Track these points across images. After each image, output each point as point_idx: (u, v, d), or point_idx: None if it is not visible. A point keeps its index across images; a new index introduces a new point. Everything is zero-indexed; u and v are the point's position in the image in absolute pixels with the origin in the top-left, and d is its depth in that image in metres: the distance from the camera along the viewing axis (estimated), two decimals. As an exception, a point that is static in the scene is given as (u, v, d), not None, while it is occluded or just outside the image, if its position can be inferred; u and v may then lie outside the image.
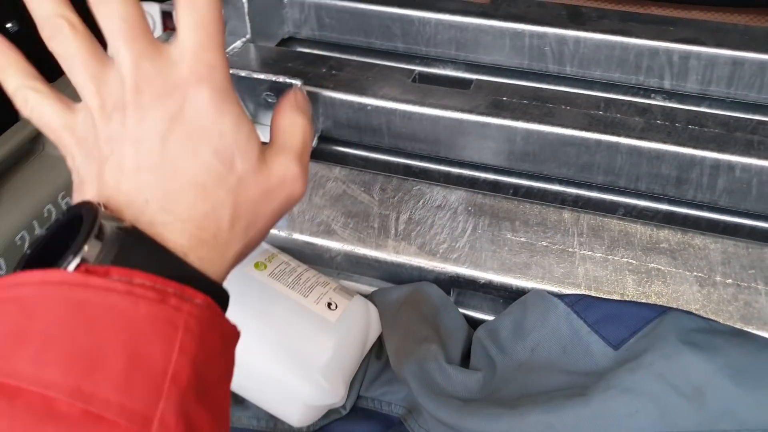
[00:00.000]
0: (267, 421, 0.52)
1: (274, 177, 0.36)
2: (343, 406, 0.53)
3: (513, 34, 0.74)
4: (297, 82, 0.64)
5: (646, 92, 0.74)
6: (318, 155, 0.64)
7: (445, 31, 0.76)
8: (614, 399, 0.39)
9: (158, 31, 0.79)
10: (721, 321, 0.46)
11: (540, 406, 0.40)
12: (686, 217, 0.64)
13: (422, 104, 0.65)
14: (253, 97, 0.68)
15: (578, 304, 0.46)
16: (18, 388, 0.23)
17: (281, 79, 0.64)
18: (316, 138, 0.70)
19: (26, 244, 0.61)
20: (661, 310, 0.44)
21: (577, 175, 0.64)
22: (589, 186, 0.66)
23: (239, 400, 0.53)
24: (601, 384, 0.40)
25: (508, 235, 0.53)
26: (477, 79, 0.69)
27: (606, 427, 0.38)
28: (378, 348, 0.54)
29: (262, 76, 0.65)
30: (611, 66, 0.73)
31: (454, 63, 0.78)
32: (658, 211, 0.64)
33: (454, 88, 0.68)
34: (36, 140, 0.65)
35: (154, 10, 0.79)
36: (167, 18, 0.80)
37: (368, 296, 0.54)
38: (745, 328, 0.47)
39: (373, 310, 0.52)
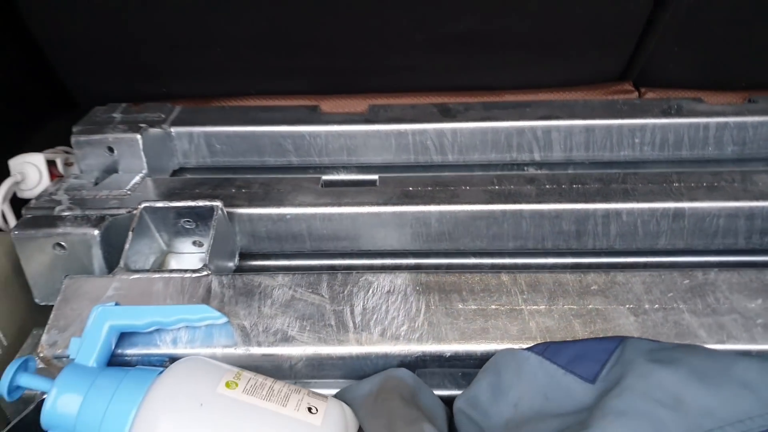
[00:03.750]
0: None
1: None
2: None
3: (397, 134, 0.80)
4: (218, 203, 0.65)
5: (520, 166, 0.83)
6: (240, 272, 0.63)
7: (335, 140, 0.81)
8: (613, 424, 0.42)
9: (45, 181, 0.76)
10: (663, 341, 0.52)
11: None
12: (590, 266, 0.72)
13: (339, 204, 0.69)
14: (169, 226, 0.67)
15: (547, 351, 0.49)
16: None
17: (201, 203, 0.64)
18: (236, 256, 0.70)
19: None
20: (619, 341, 0.49)
21: (490, 245, 0.70)
22: (501, 254, 0.72)
23: None
24: (596, 414, 0.43)
25: (460, 306, 0.56)
26: (380, 176, 0.74)
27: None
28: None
29: (180, 204, 0.64)
30: (487, 148, 0.81)
31: (347, 168, 0.82)
32: (566, 266, 0.71)
33: (362, 187, 0.73)
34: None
35: (38, 161, 0.76)
36: (52, 166, 0.78)
37: (336, 396, 0.54)
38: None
39: (347, 408, 0.52)
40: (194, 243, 0.69)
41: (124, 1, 0.78)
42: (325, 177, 0.77)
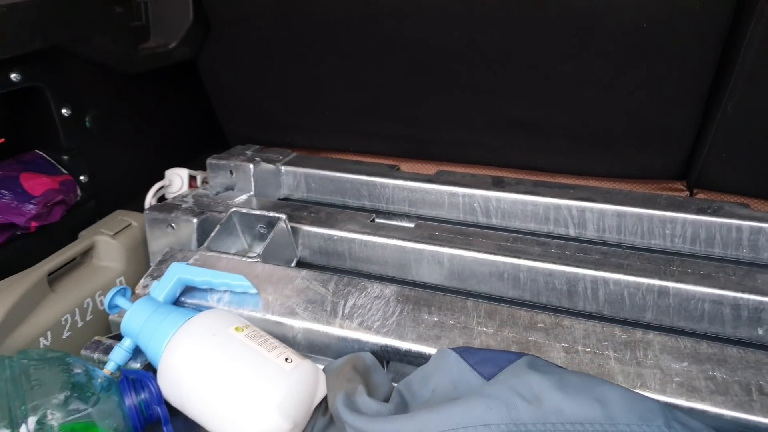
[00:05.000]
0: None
1: None
2: (294, 457, 0.66)
3: (449, 194, 0.96)
4: (282, 215, 0.86)
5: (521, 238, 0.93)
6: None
7: (399, 193, 0.99)
8: (475, 400, 0.53)
9: (184, 188, 1.03)
10: (575, 372, 0.61)
11: (426, 408, 0.54)
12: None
13: (375, 235, 0.86)
14: (250, 229, 0.89)
15: (465, 352, 0.61)
16: None
17: (270, 213, 0.86)
18: (294, 262, 0.90)
19: (67, 326, 0.79)
20: (522, 355, 0.59)
21: (493, 290, 0.82)
22: (503, 301, 0.84)
23: None
24: (470, 395, 0.54)
25: (425, 316, 0.69)
26: (419, 221, 0.91)
27: (468, 417, 0.51)
28: (324, 407, 0.68)
29: (256, 212, 0.87)
30: (527, 218, 0.94)
31: (408, 216, 0.99)
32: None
33: (401, 226, 0.90)
34: (87, 254, 0.86)
35: (183, 173, 1.04)
36: (193, 180, 1.06)
37: (323, 369, 0.69)
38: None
39: (321, 373, 0.67)
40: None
41: (265, 77, 1.06)
42: (379, 220, 0.95)
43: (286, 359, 0.65)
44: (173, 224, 0.87)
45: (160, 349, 0.67)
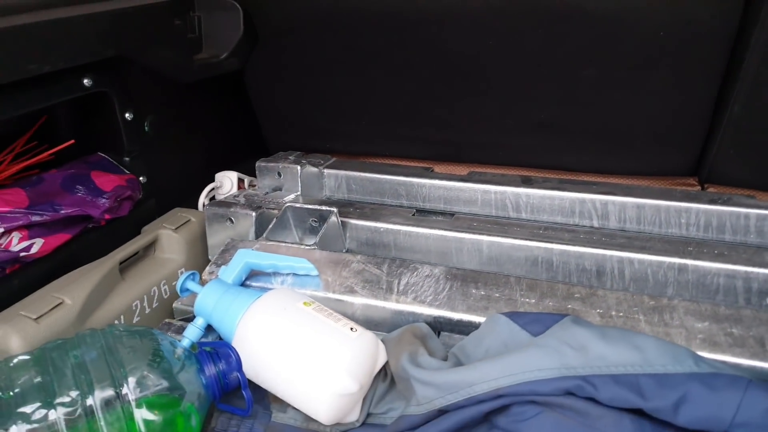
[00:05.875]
0: (302, 421, 0.71)
1: None
2: (357, 420, 0.73)
3: (483, 192, 1.04)
4: (333, 209, 0.94)
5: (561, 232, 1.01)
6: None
7: (435, 191, 1.07)
8: (529, 350, 0.60)
9: (234, 189, 1.11)
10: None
11: (487, 359, 0.61)
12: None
13: (418, 226, 0.94)
14: (302, 223, 0.97)
15: (514, 315, 0.68)
16: None
17: (323, 207, 0.94)
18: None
19: (137, 312, 0.86)
20: (566, 315, 0.66)
21: (528, 273, 0.90)
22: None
23: (280, 403, 0.72)
24: (524, 347, 0.61)
25: (473, 291, 0.76)
26: (457, 213, 0.99)
27: (524, 364, 0.59)
28: (384, 374, 0.75)
29: (310, 206, 0.95)
30: (554, 212, 1.01)
31: (443, 213, 1.07)
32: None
33: (441, 218, 0.98)
34: (150, 247, 0.93)
35: (233, 176, 1.12)
36: (241, 182, 1.14)
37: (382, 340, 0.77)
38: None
39: (381, 344, 0.74)
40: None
41: (307, 87, 1.15)
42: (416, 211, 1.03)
43: (351, 329, 0.73)
44: (233, 218, 0.94)
45: (234, 324, 0.74)
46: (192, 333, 0.77)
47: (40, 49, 0.80)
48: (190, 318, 0.88)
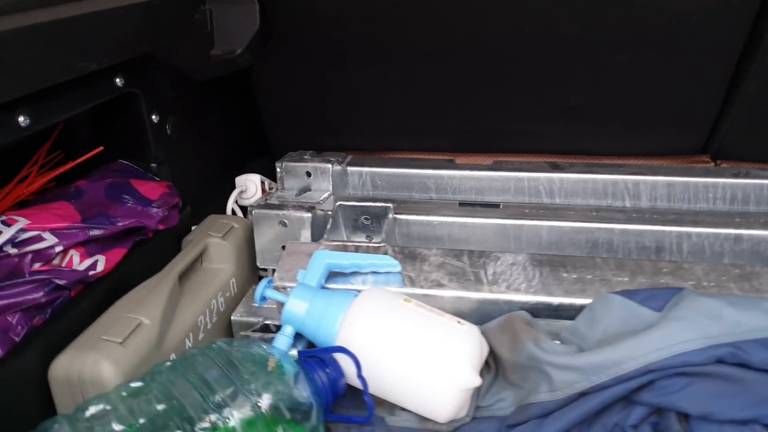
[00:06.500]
0: (417, 422, 0.68)
1: None
2: (467, 414, 0.71)
3: (515, 180, 1.05)
4: (390, 205, 0.91)
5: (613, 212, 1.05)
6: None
7: (466, 182, 1.06)
8: (668, 324, 0.61)
9: (258, 193, 1.06)
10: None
11: (624, 338, 0.62)
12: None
13: (474, 216, 0.93)
14: (352, 221, 0.94)
15: (627, 293, 0.69)
16: None
17: (378, 204, 0.91)
18: (395, 250, 0.95)
19: (201, 327, 0.80)
20: (680, 289, 0.68)
21: (589, 254, 0.91)
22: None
23: (384, 406, 0.69)
24: (659, 321, 0.62)
25: (564, 275, 0.77)
26: (503, 202, 0.99)
27: (670, 338, 0.60)
28: (485, 366, 0.73)
29: (364, 204, 0.91)
30: (588, 195, 1.04)
31: (480, 204, 1.06)
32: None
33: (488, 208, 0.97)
34: (197, 260, 0.86)
35: (256, 179, 1.06)
36: (263, 184, 1.08)
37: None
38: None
39: (481, 333, 0.73)
40: (366, 237, 0.95)
41: (324, 82, 1.11)
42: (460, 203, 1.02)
43: (458, 322, 0.71)
44: (286, 221, 0.89)
45: (334, 330, 0.70)
46: (283, 342, 0.73)
47: (85, 45, 0.72)
48: (258, 329, 0.83)
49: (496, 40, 1.03)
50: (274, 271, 0.94)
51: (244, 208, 1.06)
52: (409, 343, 0.68)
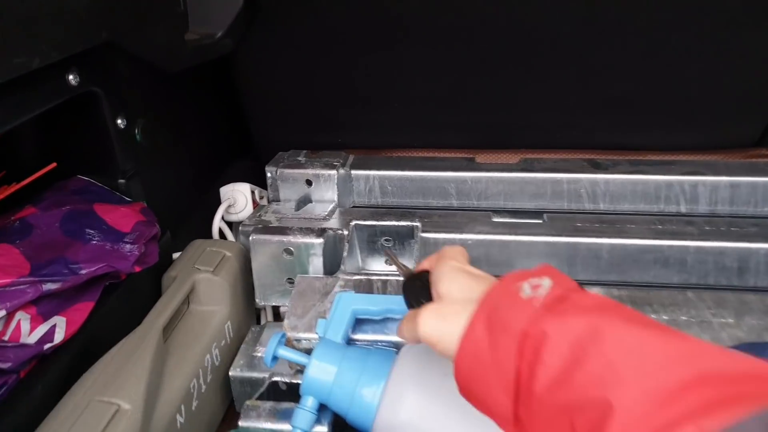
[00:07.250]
0: None
1: None
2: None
3: (552, 182, 0.89)
4: (417, 223, 0.74)
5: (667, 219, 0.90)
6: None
7: (494, 186, 0.90)
8: None
9: (249, 207, 0.88)
10: None
11: None
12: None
13: (516, 234, 0.77)
14: (369, 243, 0.77)
15: (750, 349, 0.55)
16: None
17: (404, 222, 0.74)
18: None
19: (195, 394, 0.62)
20: None
21: (656, 279, 0.77)
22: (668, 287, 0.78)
23: None
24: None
25: (653, 316, 0.62)
26: (546, 213, 0.83)
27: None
28: None
29: (385, 223, 0.74)
30: (637, 199, 0.89)
31: (499, 212, 0.90)
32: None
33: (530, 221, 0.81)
34: (183, 301, 0.68)
35: (245, 189, 0.88)
36: (252, 194, 0.90)
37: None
38: None
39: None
40: (386, 262, 0.78)
41: (319, 71, 0.92)
42: (493, 215, 0.86)
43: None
44: (290, 248, 0.72)
45: (372, 406, 0.54)
46: (303, 420, 0.56)
47: (22, 34, 0.53)
48: (264, 392, 0.65)
49: (526, 14, 0.86)
50: (274, 308, 0.77)
51: (230, 223, 0.88)
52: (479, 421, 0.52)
